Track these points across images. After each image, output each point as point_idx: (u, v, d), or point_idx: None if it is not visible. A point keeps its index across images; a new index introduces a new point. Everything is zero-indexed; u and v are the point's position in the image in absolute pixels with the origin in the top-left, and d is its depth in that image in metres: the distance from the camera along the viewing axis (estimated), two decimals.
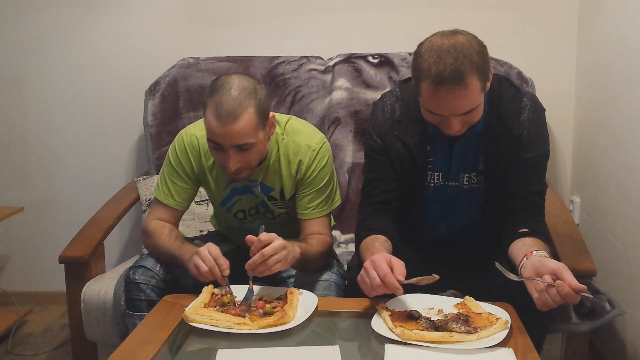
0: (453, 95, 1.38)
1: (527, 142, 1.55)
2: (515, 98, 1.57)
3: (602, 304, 1.74)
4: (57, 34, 2.67)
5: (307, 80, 2.46)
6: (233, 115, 1.46)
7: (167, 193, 1.69)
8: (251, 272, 1.45)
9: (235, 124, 1.47)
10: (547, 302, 1.28)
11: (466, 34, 1.43)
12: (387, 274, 1.31)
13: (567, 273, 1.27)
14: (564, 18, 2.50)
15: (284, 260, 1.46)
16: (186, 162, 1.69)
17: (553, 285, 1.26)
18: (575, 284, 1.25)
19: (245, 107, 1.48)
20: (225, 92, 1.48)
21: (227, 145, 1.50)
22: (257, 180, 1.68)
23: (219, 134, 1.49)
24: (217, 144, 1.51)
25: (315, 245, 1.63)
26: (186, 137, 1.70)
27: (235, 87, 1.49)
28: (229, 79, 1.51)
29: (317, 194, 1.69)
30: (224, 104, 1.46)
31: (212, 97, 1.49)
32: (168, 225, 1.68)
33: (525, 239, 1.47)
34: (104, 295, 1.93)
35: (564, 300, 1.26)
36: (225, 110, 1.46)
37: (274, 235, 1.46)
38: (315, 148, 1.67)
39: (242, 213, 1.77)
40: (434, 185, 1.63)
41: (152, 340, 1.32)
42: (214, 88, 1.50)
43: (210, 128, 1.50)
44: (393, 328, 1.29)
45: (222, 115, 1.46)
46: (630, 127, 1.98)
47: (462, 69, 1.36)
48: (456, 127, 1.46)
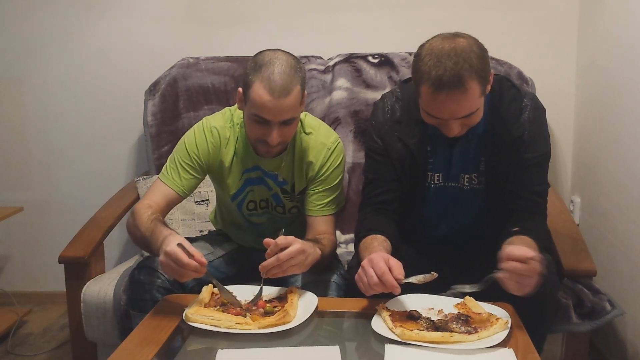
0: (452, 99, 1.38)
1: (527, 142, 1.55)
2: (515, 99, 1.57)
3: (602, 304, 1.74)
4: (57, 34, 2.67)
5: (307, 80, 2.44)
6: (286, 90, 1.48)
7: (175, 177, 1.68)
8: (264, 273, 1.43)
9: (287, 99, 1.49)
10: (516, 287, 1.29)
11: (467, 37, 1.42)
12: (384, 272, 1.31)
13: (510, 248, 1.29)
14: (564, 18, 2.50)
15: (301, 264, 1.45)
16: (203, 148, 1.69)
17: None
18: (517, 253, 1.27)
19: (294, 83, 1.51)
20: (275, 67, 1.49)
21: (274, 120, 1.51)
22: (277, 174, 1.70)
23: (269, 108, 1.49)
24: (263, 118, 1.52)
25: (327, 247, 1.64)
26: (206, 127, 1.70)
27: (284, 62, 1.51)
28: (276, 54, 1.53)
29: (328, 193, 1.70)
30: (276, 79, 1.48)
31: (260, 72, 1.50)
32: (154, 208, 1.61)
33: (513, 237, 1.46)
34: (103, 295, 1.92)
35: (521, 274, 1.26)
36: (278, 85, 1.48)
37: (292, 239, 1.43)
38: (330, 147, 1.69)
39: (253, 204, 1.77)
40: (434, 186, 1.63)
41: (152, 340, 1.31)
42: (261, 63, 1.51)
43: (260, 103, 1.49)
44: (393, 328, 1.29)
45: (275, 90, 1.48)
46: (630, 127, 1.98)
47: (462, 73, 1.35)
48: (455, 130, 1.45)
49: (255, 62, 1.53)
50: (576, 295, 1.76)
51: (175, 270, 1.38)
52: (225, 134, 1.70)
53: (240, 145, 1.70)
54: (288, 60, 1.53)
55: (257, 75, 1.51)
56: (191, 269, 1.36)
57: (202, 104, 2.48)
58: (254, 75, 1.51)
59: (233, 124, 1.71)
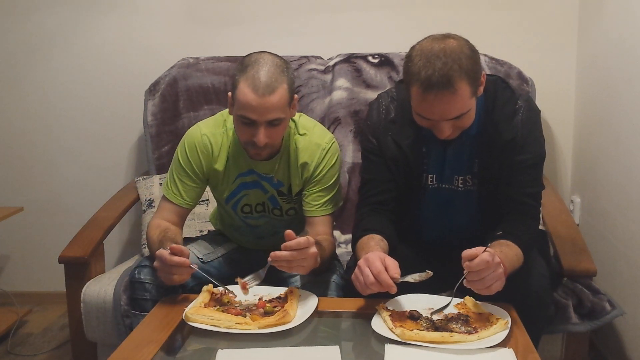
0: (442, 100, 1.37)
1: (520, 144, 1.53)
2: (510, 100, 1.56)
3: (602, 304, 1.74)
4: (57, 34, 2.67)
5: (307, 80, 2.46)
6: (270, 88, 1.49)
7: (175, 192, 1.70)
8: (271, 261, 1.43)
9: (272, 97, 1.50)
10: (480, 284, 1.30)
11: (457, 38, 1.42)
12: (380, 271, 1.31)
13: (464, 251, 1.30)
14: (564, 18, 2.50)
15: (306, 267, 1.46)
16: (196, 162, 1.70)
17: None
18: (467, 254, 1.29)
19: (280, 82, 1.51)
20: (260, 66, 1.51)
21: (260, 120, 1.52)
22: (272, 176, 1.70)
23: (254, 107, 1.50)
24: (249, 119, 1.52)
25: (327, 249, 1.64)
26: (196, 136, 1.70)
27: (269, 62, 1.52)
28: (261, 55, 1.55)
29: (325, 193, 1.71)
30: (261, 77, 1.49)
31: (246, 72, 1.51)
32: (163, 225, 1.67)
33: (494, 242, 1.45)
34: (103, 295, 1.92)
35: (481, 270, 1.28)
36: (262, 83, 1.49)
37: (313, 242, 1.44)
38: (325, 147, 1.69)
39: (249, 207, 1.78)
40: (430, 187, 1.62)
41: (152, 340, 1.32)
42: (247, 64, 1.53)
43: (245, 102, 1.50)
44: (393, 328, 1.30)
45: (259, 88, 1.49)
46: (630, 127, 1.98)
47: (451, 74, 1.35)
48: (447, 131, 1.45)
49: (241, 64, 1.55)
50: (576, 296, 1.76)
51: (163, 269, 1.45)
52: (217, 140, 1.70)
53: (233, 149, 1.70)
54: (274, 61, 1.54)
55: (242, 76, 1.52)
56: (173, 263, 1.43)
57: (202, 104, 2.48)
58: (239, 76, 1.52)
59: (226, 128, 1.71)
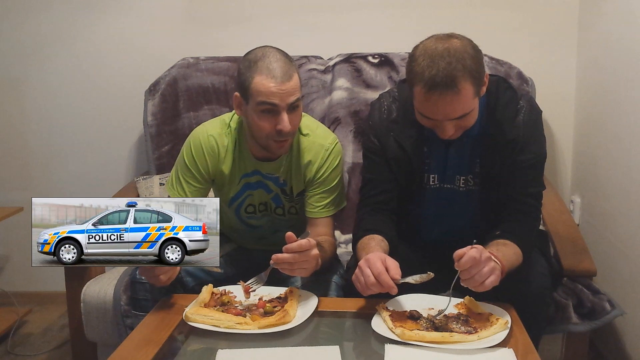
0: (445, 100, 1.37)
1: (522, 144, 1.53)
2: (511, 100, 1.56)
3: (602, 304, 1.74)
4: (57, 34, 2.67)
5: (307, 80, 2.46)
6: (287, 75, 1.53)
7: (181, 192, 1.71)
8: (273, 263, 1.43)
9: (291, 81, 1.54)
10: (473, 282, 1.31)
11: (461, 38, 1.41)
12: (381, 272, 1.31)
13: (456, 251, 1.31)
14: (564, 18, 2.50)
15: (308, 269, 1.45)
16: (202, 162, 1.70)
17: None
18: (457, 254, 1.30)
19: (293, 70, 1.56)
20: (270, 58, 1.54)
21: (282, 105, 1.53)
22: (278, 176, 1.71)
23: (275, 93, 1.52)
24: (272, 105, 1.53)
25: (328, 251, 1.64)
26: (203, 137, 1.70)
27: (277, 53, 1.56)
28: (266, 49, 1.58)
29: (327, 194, 1.70)
30: (275, 67, 1.53)
31: (257, 66, 1.53)
32: None
33: (492, 241, 1.46)
34: (103, 295, 1.93)
35: (470, 268, 1.29)
36: (279, 69, 1.53)
37: (315, 244, 1.44)
38: (328, 148, 1.69)
39: (252, 207, 1.78)
40: (431, 187, 1.62)
41: (152, 340, 1.32)
42: (255, 59, 1.55)
43: (266, 90, 1.52)
44: (393, 328, 1.29)
45: (277, 75, 1.52)
46: (630, 127, 1.98)
47: (455, 74, 1.35)
48: (450, 131, 1.45)
49: (248, 61, 1.56)
50: (576, 296, 1.76)
51: (148, 270, 1.45)
52: (223, 141, 1.70)
53: (238, 150, 1.70)
54: (280, 52, 1.58)
55: (255, 70, 1.53)
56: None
57: (202, 104, 2.48)
58: (251, 72, 1.53)
59: (231, 129, 1.71)
